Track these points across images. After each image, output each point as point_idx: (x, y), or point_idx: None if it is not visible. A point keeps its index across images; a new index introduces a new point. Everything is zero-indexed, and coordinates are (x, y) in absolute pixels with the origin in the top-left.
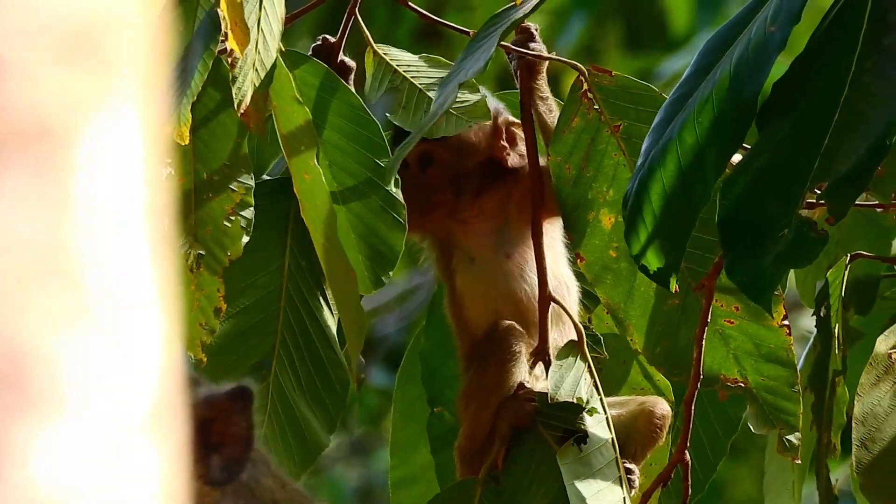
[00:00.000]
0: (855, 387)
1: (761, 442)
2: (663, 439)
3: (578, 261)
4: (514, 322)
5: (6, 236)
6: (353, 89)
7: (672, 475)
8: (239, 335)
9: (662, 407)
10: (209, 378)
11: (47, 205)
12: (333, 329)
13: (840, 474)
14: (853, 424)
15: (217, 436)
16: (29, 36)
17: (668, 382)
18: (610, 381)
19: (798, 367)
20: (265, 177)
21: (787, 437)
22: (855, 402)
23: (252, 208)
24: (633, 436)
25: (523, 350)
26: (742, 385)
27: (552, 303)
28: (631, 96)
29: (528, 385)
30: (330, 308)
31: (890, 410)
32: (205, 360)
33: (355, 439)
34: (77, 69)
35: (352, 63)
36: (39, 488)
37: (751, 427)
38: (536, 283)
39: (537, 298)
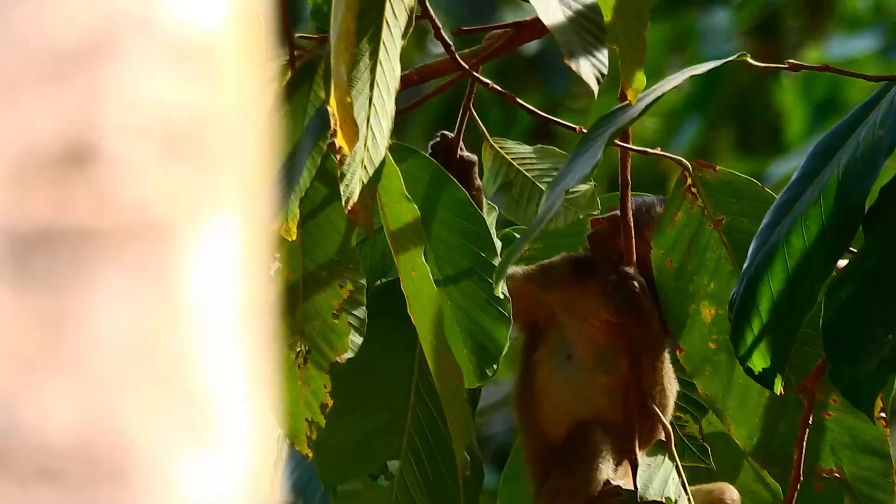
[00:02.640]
0: None
1: None
2: None
3: (678, 352)
4: (580, 422)
5: (111, 334)
6: (477, 182)
7: None
8: (366, 436)
9: (732, 494)
10: (335, 481)
11: (151, 302)
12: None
13: None
14: None
15: None
16: (133, 130)
17: (780, 486)
18: (720, 480)
19: None
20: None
21: None
22: None
23: (364, 307)
24: None
25: (607, 448)
26: (838, 476)
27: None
28: (734, 191)
29: (613, 482)
30: None
31: None
32: (311, 454)
33: None
34: (181, 165)
35: (472, 157)
36: None
37: None
38: (620, 394)
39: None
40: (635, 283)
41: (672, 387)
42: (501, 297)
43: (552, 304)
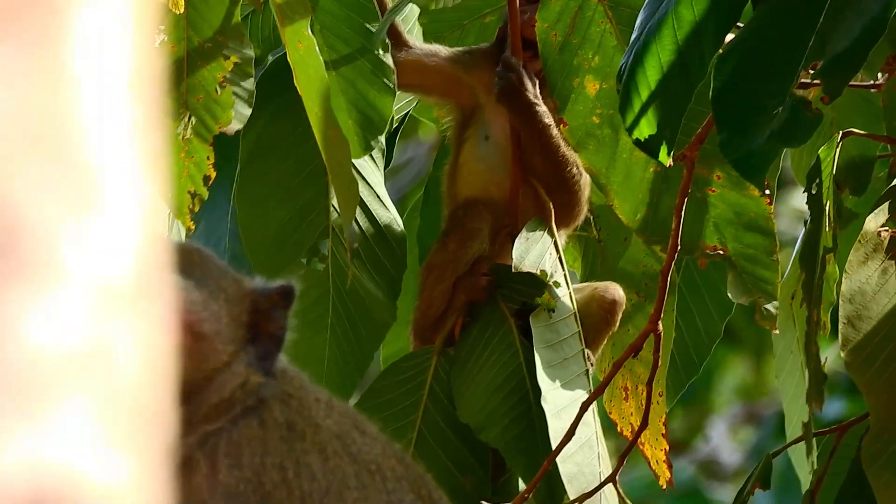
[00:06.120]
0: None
1: (758, 329)
2: (616, 325)
3: (562, 126)
4: (486, 200)
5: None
6: None
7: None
8: (291, 218)
9: (615, 292)
10: (267, 273)
11: (41, 75)
12: (384, 196)
13: (831, 352)
14: (840, 302)
15: (256, 329)
16: None
17: None
18: (610, 256)
19: (797, 246)
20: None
21: (765, 306)
22: (843, 280)
23: (252, 79)
24: (587, 320)
25: (485, 227)
26: (721, 253)
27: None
28: None
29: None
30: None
31: (877, 289)
32: (192, 227)
33: None
34: None
35: None
36: (31, 354)
37: (729, 295)
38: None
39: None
40: (513, 73)
41: (569, 169)
42: (384, 60)
43: (475, 86)
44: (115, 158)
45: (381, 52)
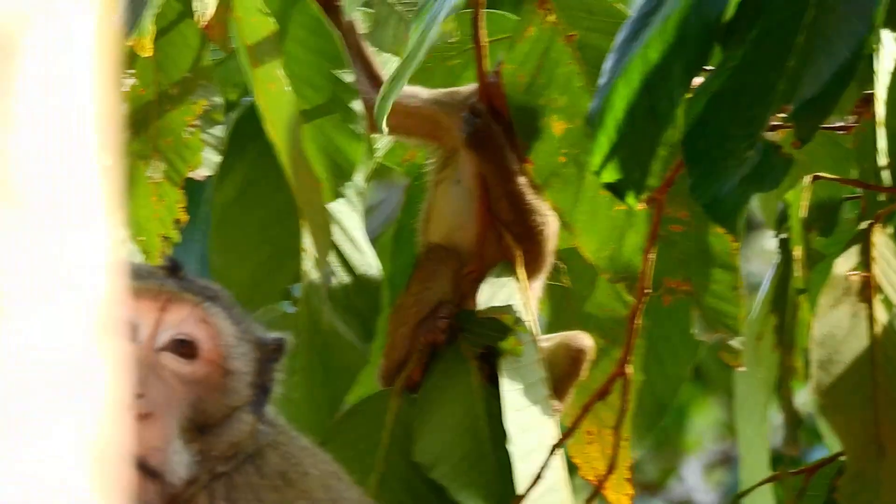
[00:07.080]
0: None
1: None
2: (584, 374)
3: (527, 165)
4: (452, 244)
5: None
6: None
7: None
8: (264, 262)
9: (582, 341)
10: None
11: None
12: (360, 239)
13: (805, 396)
14: (811, 346)
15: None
16: None
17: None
18: (576, 300)
19: (764, 288)
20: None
21: (729, 342)
22: (813, 324)
23: (221, 126)
24: (553, 370)
25: (446, 270)
26: (685, 289)
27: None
28: (585, 6)
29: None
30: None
31: (848, 332)
32: None
33: None
34: None
35: None
36: None
37: (695, 333)
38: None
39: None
40: (480, 118)
41: (534, 217)
42: (350, 104)
43: (453, 128)
44: (71, 201)
45: (381, 120)
